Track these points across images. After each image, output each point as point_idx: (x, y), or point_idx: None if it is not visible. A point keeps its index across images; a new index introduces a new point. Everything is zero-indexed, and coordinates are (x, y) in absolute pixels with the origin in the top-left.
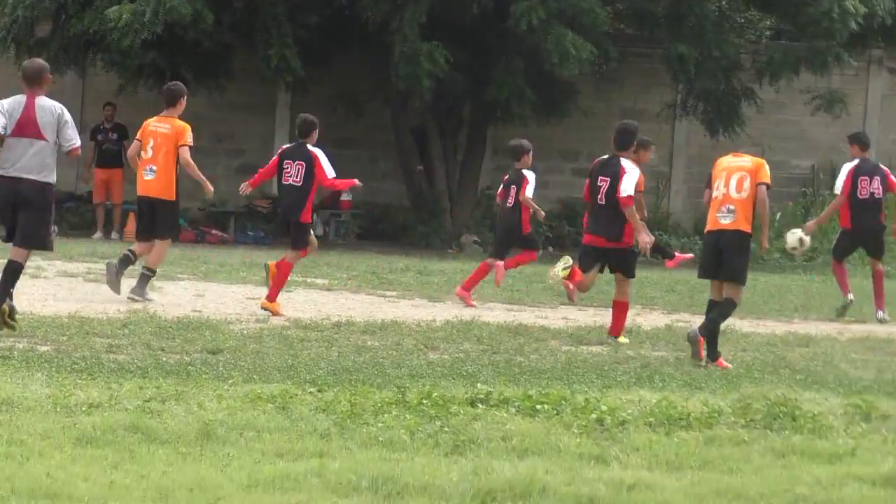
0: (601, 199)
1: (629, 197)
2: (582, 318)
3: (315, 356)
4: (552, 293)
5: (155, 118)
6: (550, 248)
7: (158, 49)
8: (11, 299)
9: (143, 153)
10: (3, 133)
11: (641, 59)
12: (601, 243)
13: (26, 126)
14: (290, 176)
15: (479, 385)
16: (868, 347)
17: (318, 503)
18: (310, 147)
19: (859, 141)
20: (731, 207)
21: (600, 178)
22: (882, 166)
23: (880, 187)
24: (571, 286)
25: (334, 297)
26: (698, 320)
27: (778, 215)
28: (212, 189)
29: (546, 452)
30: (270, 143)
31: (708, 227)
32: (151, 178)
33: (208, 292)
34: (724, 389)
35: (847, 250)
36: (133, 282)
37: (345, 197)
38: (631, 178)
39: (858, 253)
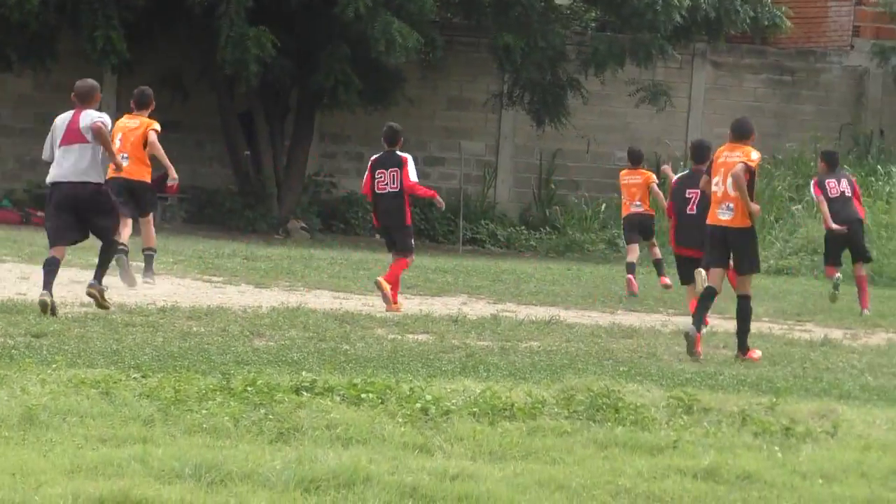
0: (691, 210)
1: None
2: (408, 307)
3: (140, 341)
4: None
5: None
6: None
7: None
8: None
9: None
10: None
11: (468, 48)
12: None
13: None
14: (386, 184)
15: (304, 373)
16: None
17: (140, 489)
18: (399, 153)
19: (828, 159)
20: (730, 205)
21: (688, 190)
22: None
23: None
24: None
25: (160, 282)
26: (523, 310)
27: (603, 207)
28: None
29: (370, 441)
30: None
31: (710, 220)
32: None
33: (33, 275)
34: (549, 380)
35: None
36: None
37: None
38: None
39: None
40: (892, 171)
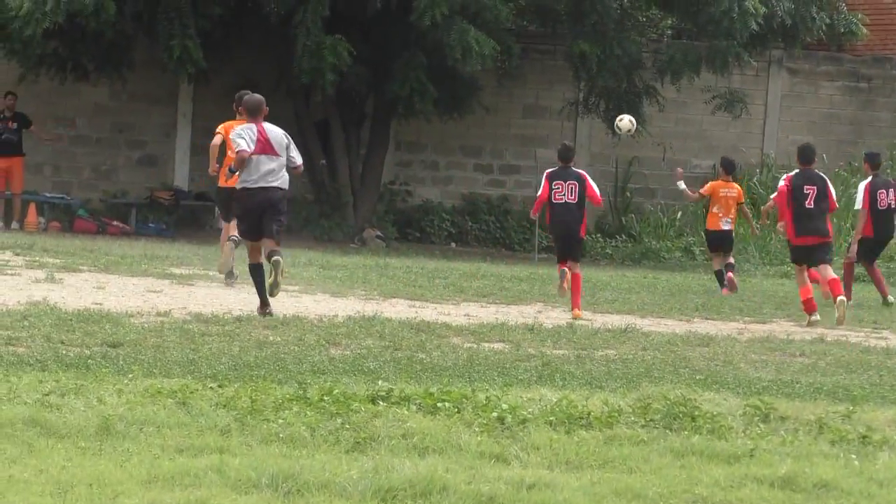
0: (809, 204)
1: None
2: (484, 316)
3: (216, 351)
4: (453, 289)
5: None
6: (453, 245)
7: (60, 38)
8: None
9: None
10: (248, 151)
11: (544, 55)
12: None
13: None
14: (563, 195)
15: (380, 382)
16: (768, 348)
17: (217, 500)
18: (576, 169)
19: (871, 160)
20: None
21: (806, 186)
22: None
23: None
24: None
25: (236, 291)
26: (599, 318)
27: (679, 214)
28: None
29: (447, 451)
30: (172, 135)
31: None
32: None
33: (109, 284)
34: (625, 389)
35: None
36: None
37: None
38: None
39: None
40: None
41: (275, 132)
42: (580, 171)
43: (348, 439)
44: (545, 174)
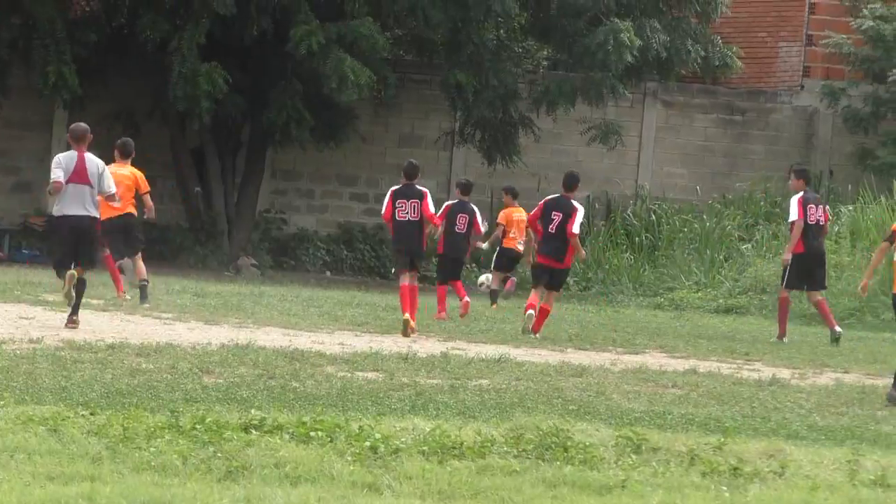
0: (552, 230)
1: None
2: (358, 345)
3: (88, 378)
4: (328, 318)
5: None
6: (328, 273)
7: None
8: None
9: None
10: (61, 181)
11: (420, 85)
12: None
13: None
14: (406, 213)
15: (253, 410)
16: (640, 379)
17: None
18: (418, 186)
19: (803, 175)
20: None
21: (553, 212)
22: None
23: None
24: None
25: (109, 318)
26: (473, 348)
27: None
28: None
29: (319, 480)
30: (47, 161)
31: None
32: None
33: None
34: (498, 419)
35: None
36: None
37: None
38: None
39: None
40: (842, 210)
41: (91, 161)
42: (423, 189)
43: (220, 468)
44: (389, 192)
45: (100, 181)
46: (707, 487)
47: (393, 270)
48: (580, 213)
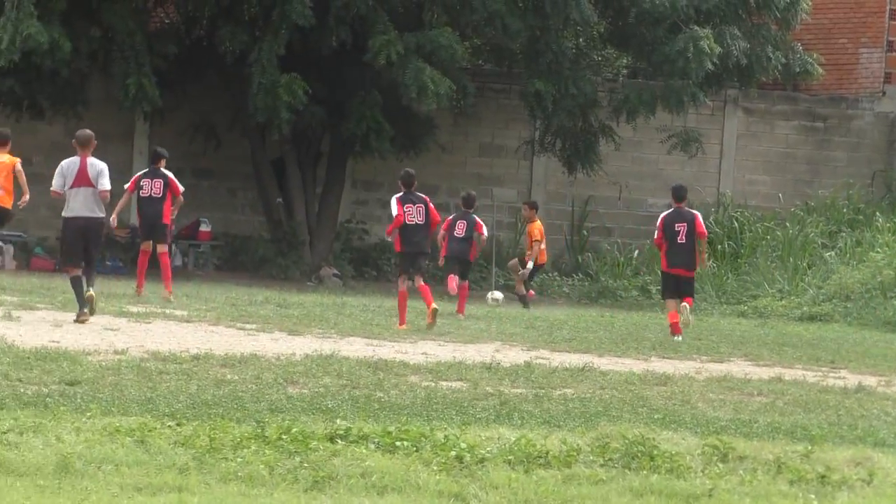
0: (682, 240)
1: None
2: (441, 354)
3: (174, 389)
4: (411, 328)
5: None
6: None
7: (15, 77)
8: None
9: None
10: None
11: (500, 94)
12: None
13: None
14: (414, 217)
15: (338, 420)
16: (725, 387)
17: None
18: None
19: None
20: None
21: (676, 224)
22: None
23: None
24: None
25: (193, 329)
26: (557, 357)
27: (636, 253)
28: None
29: (405, 489)
30: (128, 172)
31: None
32: None
33: (66, 323)
34: (583, 428)
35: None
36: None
37: (204, 228)
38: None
39: None
40: None
41: (94, 165)
42: (423, 195)
43: (307, 478)
44: (395, 199)
45: (98, 179)
46: (795, 496)
47: (399, 275)
48: (700, 216)
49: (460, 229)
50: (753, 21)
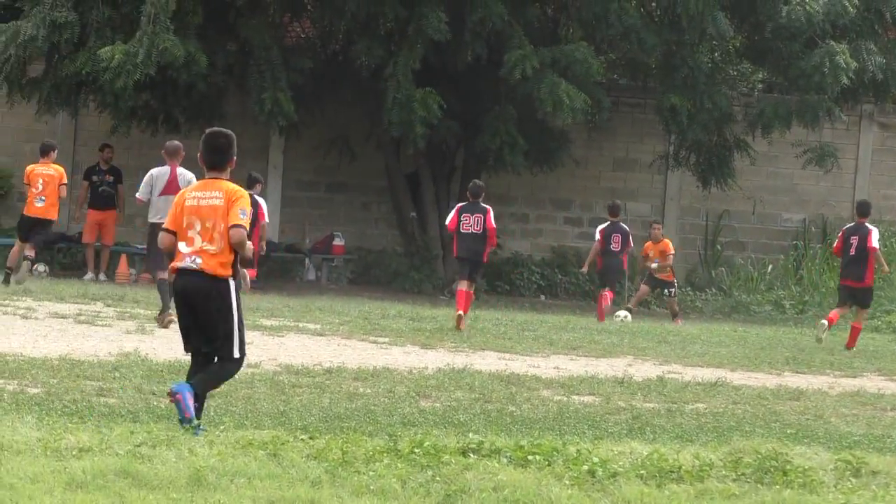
0: (853, 252)
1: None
2: (573, 369)
3: (307, 402)
4: (543, 342)
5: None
6: (543, 297)
7: (151, 91)
8: None
9: None
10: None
11: (634, 109)
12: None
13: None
14: (471, 226)
15: (470, 434)
16: (858, 402)
17: None
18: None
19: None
20: None
21: (852, 237)
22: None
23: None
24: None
25: (326, 343)
26: (689, 372)
27: (770, 268)
28: None
29: (538, 503)
30: (264, 187)
31: None
32: None
33: None
34: (716, 442)
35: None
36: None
37: (337, 242)
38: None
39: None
40: None
41: (184, 175)
42: (486, 206)
43: (439, 492)
44: (456, 207)
45: None
46: None
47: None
48: (874, 232)
49: (615, 242)
50: (889, 36)
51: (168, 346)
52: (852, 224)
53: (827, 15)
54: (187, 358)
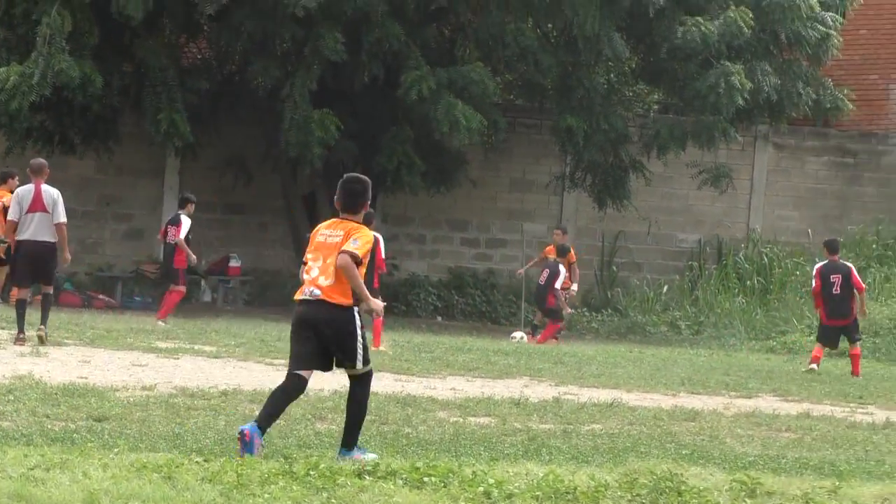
0: (836, 290)
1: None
2: (470, 390)
3: (202, 425)
4: (439, 363)
5: None
6: (439, 318)
7: (47, 112)
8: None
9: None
10: (14, 220)
11: (531, 129)
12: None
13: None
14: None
15: None
16: (754, 423)
17: None
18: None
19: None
20: None
21: (832, 276)
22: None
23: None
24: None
25: (222, 365)
26: (585, 393)
27: (665, 289)
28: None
29: None
30: (159, 208)
31: None
32: None
33: (94, 358)
34: (611, 463)
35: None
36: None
37: (233, 263)
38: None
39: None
40: None
41: (49, 192)
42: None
43: None
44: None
45: (54, 209)
46: None
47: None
48: (854, 270)
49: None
50: (784, 57)
51: (63, 368)
52: (826, 262)
53: (722, 36)
54: (82, 381)
